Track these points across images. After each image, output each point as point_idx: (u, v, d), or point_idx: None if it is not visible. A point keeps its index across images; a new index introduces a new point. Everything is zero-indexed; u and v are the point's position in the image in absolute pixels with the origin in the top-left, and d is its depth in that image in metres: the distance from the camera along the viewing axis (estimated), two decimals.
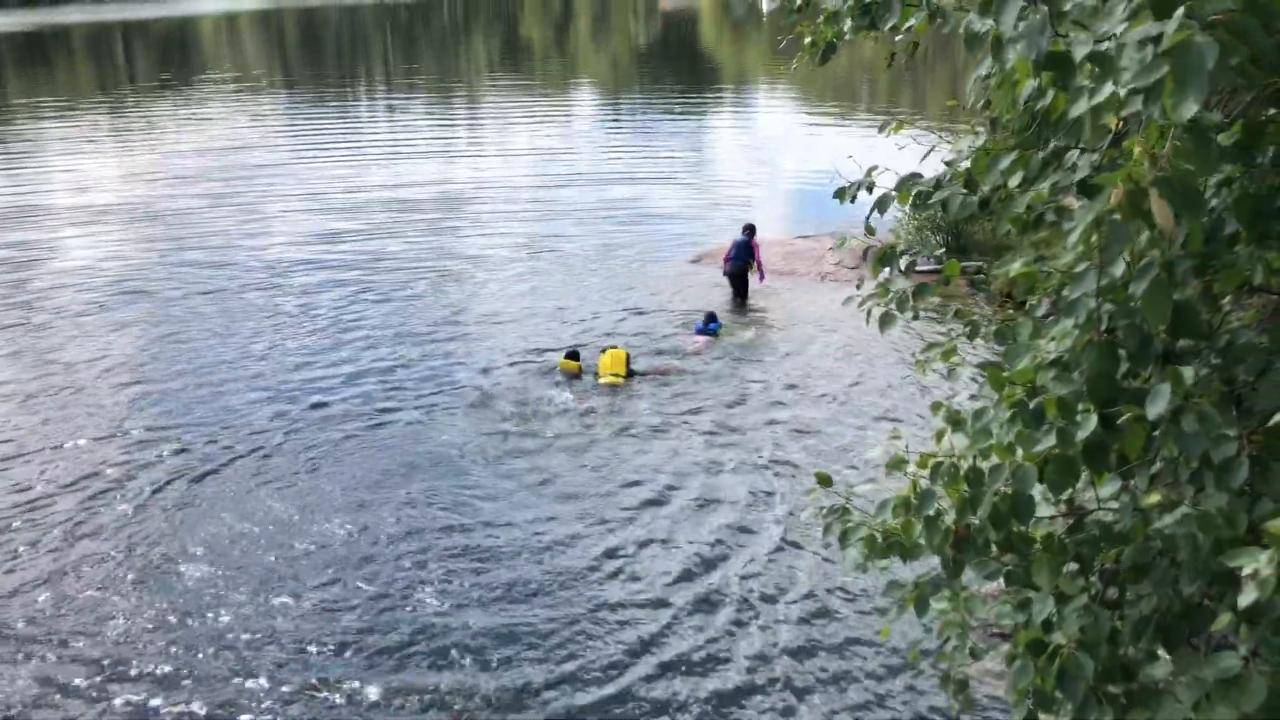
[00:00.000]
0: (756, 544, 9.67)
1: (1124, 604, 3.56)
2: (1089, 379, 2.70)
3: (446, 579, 9.20)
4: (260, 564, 9.49)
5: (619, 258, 19.21)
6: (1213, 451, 2.62)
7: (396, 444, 11.83)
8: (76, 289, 17.87)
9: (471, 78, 55.28)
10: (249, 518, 10.24)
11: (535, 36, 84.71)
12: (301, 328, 15.75)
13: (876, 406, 12.46)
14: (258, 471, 11.16)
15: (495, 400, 12.95)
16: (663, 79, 53.32)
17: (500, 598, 8.92)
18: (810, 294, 16.80)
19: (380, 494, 10.71)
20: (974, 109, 4.28)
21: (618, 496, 10.62)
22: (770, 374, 13.68)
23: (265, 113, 41.65)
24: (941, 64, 45.11)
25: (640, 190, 24.74)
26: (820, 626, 8.48)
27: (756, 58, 58.64)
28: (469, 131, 36.68)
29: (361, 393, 13.29)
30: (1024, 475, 2.91)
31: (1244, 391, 2.99)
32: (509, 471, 11.16)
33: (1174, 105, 1.90)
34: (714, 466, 11.19)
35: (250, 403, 13.02)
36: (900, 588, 4.46)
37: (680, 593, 8.99)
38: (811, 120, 37.13)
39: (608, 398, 12.97)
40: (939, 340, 10.77)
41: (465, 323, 15.96)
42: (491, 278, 18.23)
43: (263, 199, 24.87)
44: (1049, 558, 3.20)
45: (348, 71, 58.41)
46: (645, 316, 15.92)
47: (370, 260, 19.42)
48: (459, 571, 9.30)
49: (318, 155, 30.72)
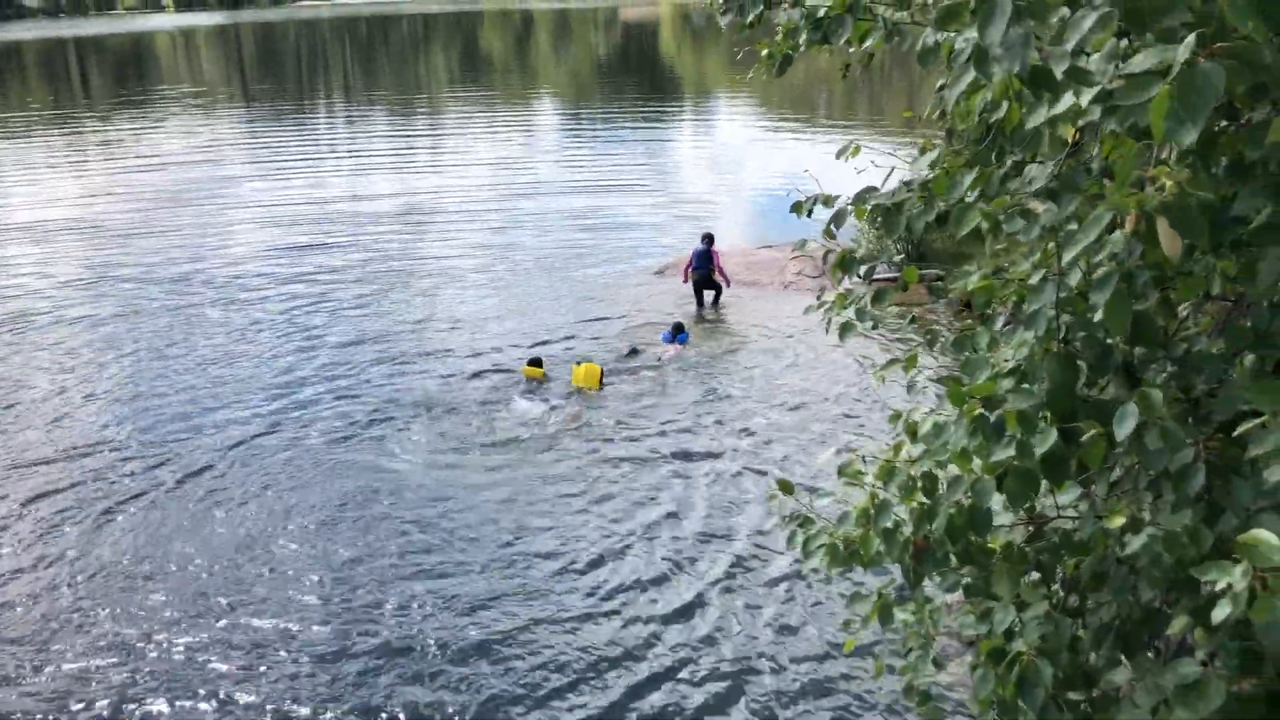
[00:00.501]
0: (723, 554, 9.64)
1: (1085, 611, 3.59)
2: (1049, 392, 2.72)
3: (411, 596, 9.09)
4: (216, 586, 9.30)
5: (582, 269, 19.20)
6: (1171, 463, 2.65)
7: (358, 457, 11.70)
8: (31, 305, 17.61)
9: (432, 90, 55.14)
10: (204, 537, 10.06)
11: (495, 48, 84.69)
12: (259, 342, 15.56)
13: (843, 415, 12.48)
14: (215, 489, 10.99)
15: (458, 410, 12.87)
16: (624, 89, 53.45)
17: (466, 613, 8.82)
18: (775, 303, 16.85)
19: (341, 509, 10.57)
20: (930, 120, 4.30)
21: (582, 507, 10.55)
22: (737, 383, 13.70)
23: (223, 127, 41.30)
24: (899, 73, 45.53)
25: (603, 201, 24.77)
26: (789, 637, 8.47)
27: (716, 68, 58.97)
28: (430, 143, 36.57)
29: (321, 405, 13.15)
30: (982, 488, 2.92)
31: (1201, 398, 3.02)
32: (472, 483, 11.07)
33: (1171, 130, 1.90)
34: (680, 475, 11.16)
35: (208, 418, 12.84)
36: (864, 600, 4.48)
37: (647, 604, 8.94)
38: (772, 130, 37.33)
39: (574, 406, 12.95)
40: (903, 344, 10.67)
41: (426, 333, 15.87)
42: (453, 288, 18.17)
43: (221, 213, 24.66)
44: (1008, 568, 3.21)
45: (307, 85, 58.11)
46: (610, 327, 15.92)
47: (330, 272, 19.30)
48: (423, 588, 9.19)
49: (277, 169, 30.51)
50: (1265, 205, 2.50)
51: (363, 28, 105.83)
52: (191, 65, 72.20)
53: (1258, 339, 2.76)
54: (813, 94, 45.11)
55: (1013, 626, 3.55)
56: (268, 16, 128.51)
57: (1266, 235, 2.57)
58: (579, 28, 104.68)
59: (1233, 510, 2.57)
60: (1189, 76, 1.86)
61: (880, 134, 30.19)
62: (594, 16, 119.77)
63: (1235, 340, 2.85)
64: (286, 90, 55.89)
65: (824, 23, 3.54)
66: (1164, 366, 3.10)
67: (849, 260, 3.84)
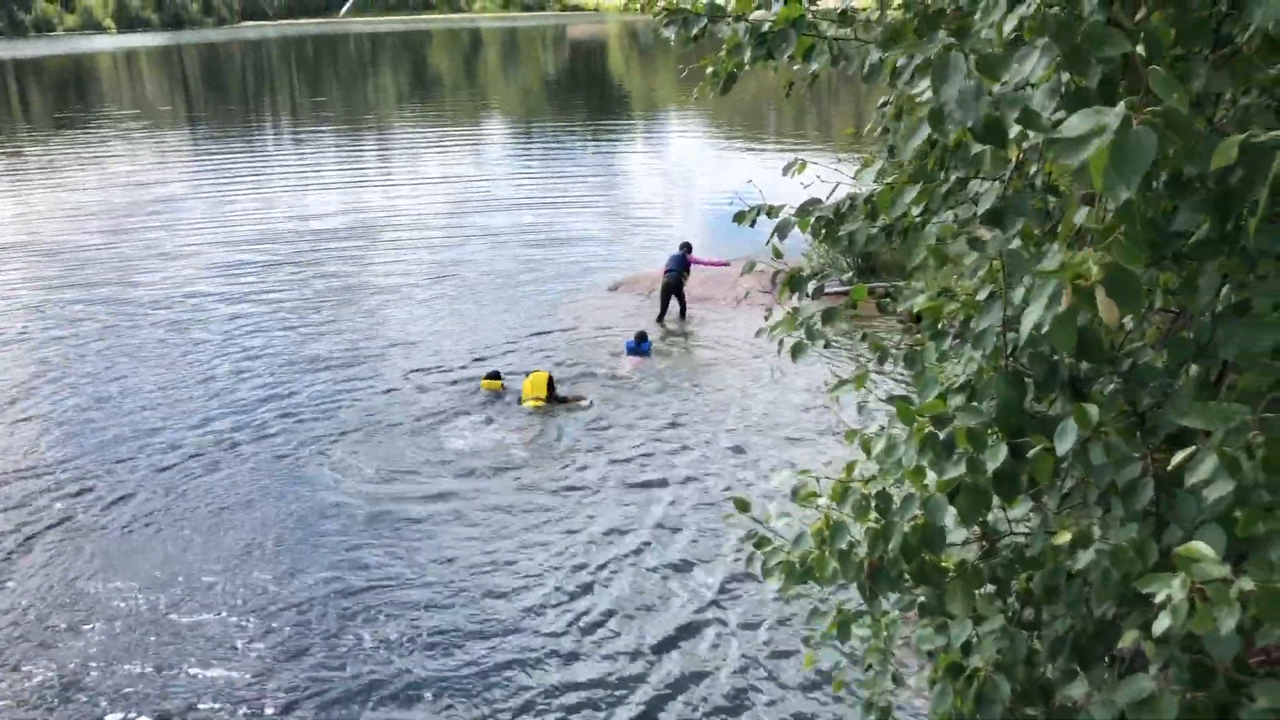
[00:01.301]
0: (680, 568, 9.61)
1: (1040, 624, 3.60)
2: (998, 409, 2.73)
3: (369, 619, 8.93)
4: (142, 623, 8.98)
5: (533, 285, 19.20)
6: (1118, 477, 2.66)
7: (300, 480, 11.53)
8: None
9: (380, 108, 54.85)
10: (130, 569, 9.76)
11: (444, 66, 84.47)
12: (199, 363, 15.36)
13: (803, 431, 12.52)
14: (142, 515, 10.70)
15: (405, 429, 12.76)
16: (573, 106, 53.53)
17: (423, 648, 8.67)
18: (730, 318, 16.93)
19: (281, 537, 10.32)
20: (874, 137, 4.33)
21: (537, 526, 10.47)
22: (697, 397, 13.73)
23: (167, 148, 40.79)
24: (846, 89, 45.98)
25: (553, 218, 24.76)
26: (750, 653, 8.44)
27: (666, 84, 59.23)
28: (378, 161, 36.37)
29: (262, 426, 12.98)
30: (935, 506, 2.92)
31: (1147, 412, 3.05)
32: (420, 506, 10.94)
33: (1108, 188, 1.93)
34: (638, 492, 11.13)
35: (144, 442, 12.58)
36: (822, 616, 4.48)
37: (603, 620, 8.88)
38: (722, 145, 37.55)
39: (530, 421, 12.89)
40: (857, 358, 10.67)
41: (373, 352, 15.76)
42: (401, 306, 18.10)
43: (163, 233, 24.38)
44: (963, 585, 3.21)
45: (253, 105, 57.53)
46: (565, 343, 15.88)
47: (274, 291, 19.14)
48: (381, 612, 9.03)
49: (222, 189, 30.19)
50: (1204, 220, 2.53)
51: (309, 48, 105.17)
52: (134, 86, 71.27)
53: (1199, 351, 2.78)
54: (762, 109, 45.44)
55: (970, 640, 3.56)
56: (211, 37, 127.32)
57: (1206, 250, 2.60)
58: (527, 46, 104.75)
59: (1177, 523, 2.59)
60: (1123, 140, 1.90)
61: (828, 148, 30.45)
62: (542, 35, 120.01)
63: (1177, 352, 2.88)
64: (232, 110, 55.32)
65: (768, 38, 3.54)
66: (1110, 380, 3.12)
67: (797, 279, 3.84)
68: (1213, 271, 2.66)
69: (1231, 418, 2.20)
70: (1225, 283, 2.68)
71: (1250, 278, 2.58)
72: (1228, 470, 2.15)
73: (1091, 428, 2.51)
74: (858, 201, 3.58)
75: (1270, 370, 2.37)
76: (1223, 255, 2.60)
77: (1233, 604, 1.97)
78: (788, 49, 3.48)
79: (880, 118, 4.27)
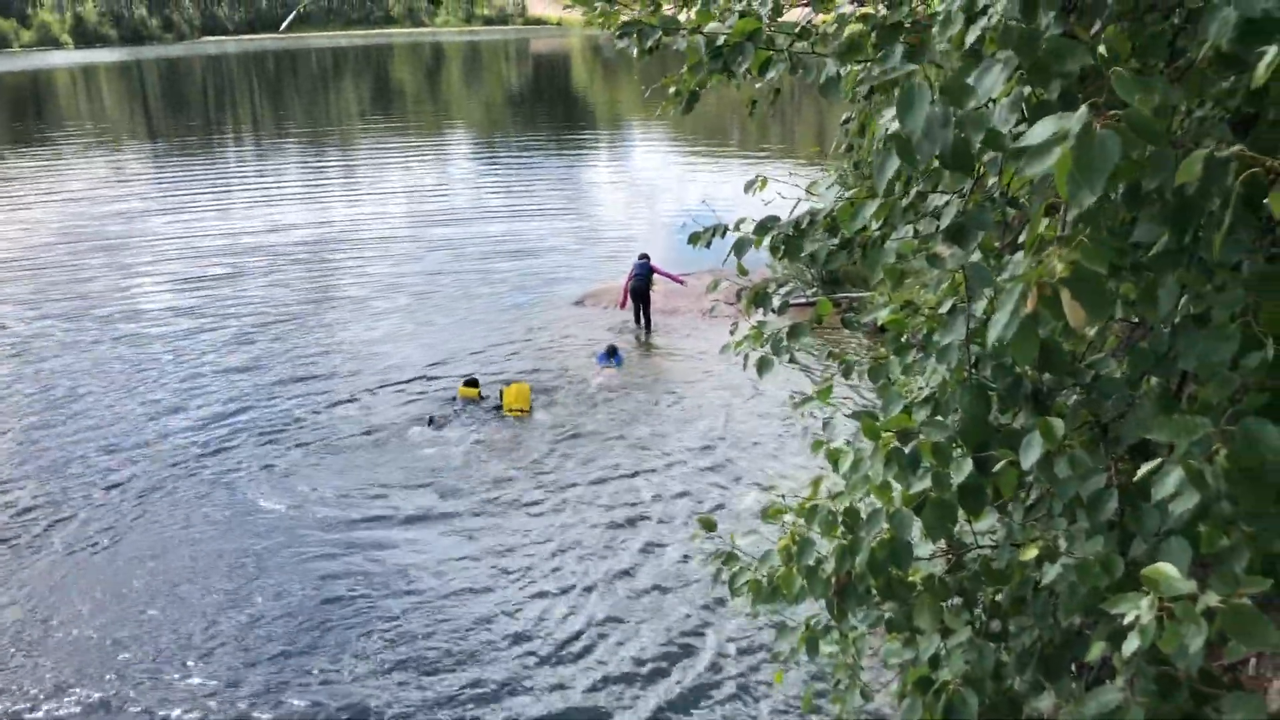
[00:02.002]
0: (654, 584, 9.56)
1: (1008, 636, 3.60)
2: (963, 423, 2.73)
3: (344, 636, 8.80)
4: (130, 637, 8.84)
5: (501, 298, 19.16)
6: (1082, 489, 2.66)
7: (271, 490, 11.41)
8: None
9: (343, 122, 54.53)
10: (93, 586, 9.56)
11: (407, 80, 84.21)
12: (161, 378, 15.14)
13: (776, 439, 12.52)
14: (110, 529, 10.47)
15: (378, 438, 12.69)
16: (537, 120, 53.51)
17: (384, 659, 8.55)
18: (702, 329, 16.95)
19: (245, 559, 10.13)
20: (837, 153, 4.34)
21: (507, 540, 10.38)
22: (670, 409, 13.74)
23: (128, 163, 40.29)
24: (808, 101, 46.26)
25: (519, 231, 24.70)
26: (719, 670, 8.41)
27: (629, 97, 59.33)
28: (342, 175, 36.13)
29: (231, 440, 12.82)
30: (901, 520, 2.92)
31: (1110, 423, 3.06)
32: (391, 514, 10.87)
33: (1072, 194, 1.93)
34: (611, 507, 11.07)
35: (102, 460, 12.34)
36: (790, 632, 4.46)
37: (576, 638, 8.81)
38: (686, 158, 37.65)
39: (504, 432, 12.84)
40: (827, 368, 10.64)
41: (338, 363, 15.69)
42: (365, 319, 18.00)
43: (124, 248, 24.09)
44: (930, 600, 3.20)
45: (214, 120, 56.98)
46: (533, 355, 15.86)
47: (238, 305, 18.98)
48: (342, 633, 8.90)
49: (183, 203, 29.86)
50: (1163, 232, 2.53)
51: (270, 62, 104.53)
52: (93, 102, 70.47)
53: (1157, 361, 2.80)
54: (726, 122, 45.61)
55: (938, 654, 3.55)
56: (171, 53, 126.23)
57: (1165, 261, 2.61)
58: (490, 60, 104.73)
59: (1142, 536, 2.59)
60: (1085, 144, 1.90)
61: (793, 162, 30.58)
62: (505, 48, 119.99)
63: (1137, 363, 2.89)
64: (193, 125, 54.80)
65: (723, 51, 3.52)
66: (1073, 392, 3.13)
67: (762, 296, 3.83)
68: (1172, 283, 2.67)
69: (1195, 430, 2.21)
70: (1184, 293, 2.69)
71: (1209, 288, 2.60)
72: (1193, 483, 2.15)
73: (1056, 442, 2.51)
74: (818, 217, 3.58)
75: (1229, 382, 2.38)
76: (1181, 267, 2.61)
77: (1199, 621, 1.97)
78: (744, 63, 3.47)
79: (844, 134, 4.28)
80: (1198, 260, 2.53)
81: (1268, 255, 2.56)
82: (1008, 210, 3.30)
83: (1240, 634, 2.00)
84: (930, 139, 2.27)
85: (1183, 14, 2.75)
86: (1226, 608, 2.00)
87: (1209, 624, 1.99)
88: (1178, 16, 2.80)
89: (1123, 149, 1.92)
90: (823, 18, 4.21)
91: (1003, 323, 2.23)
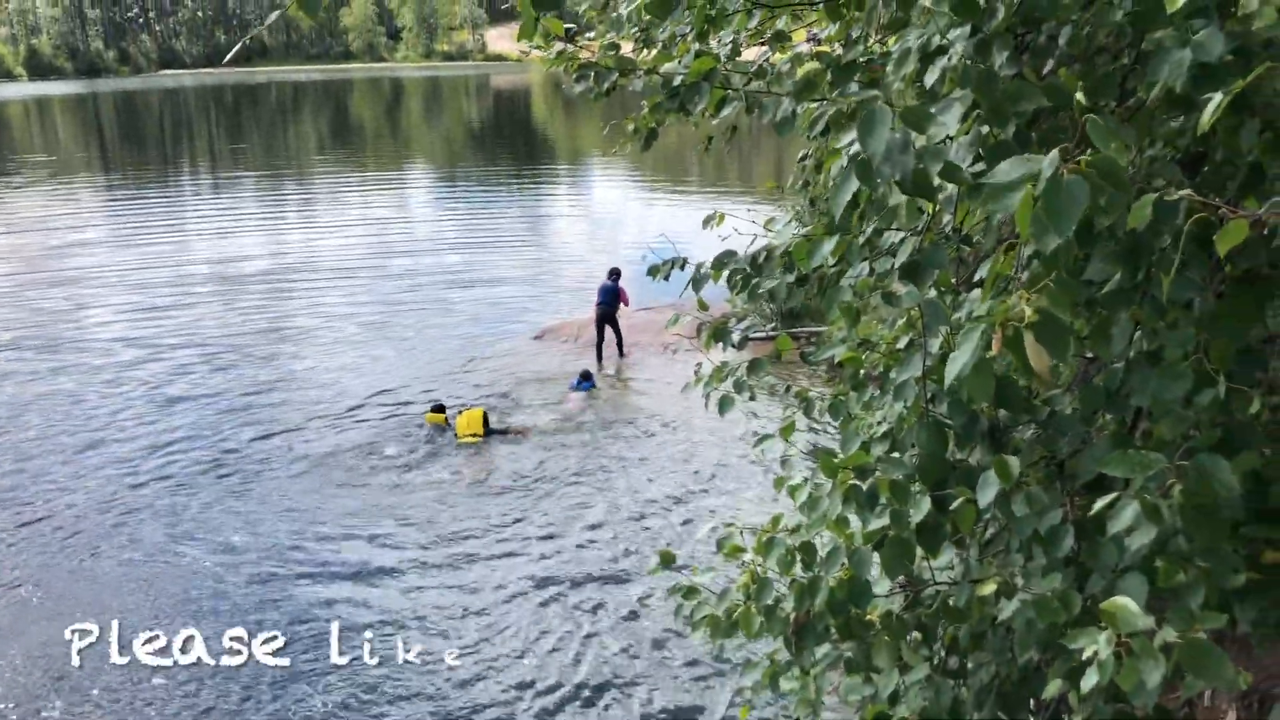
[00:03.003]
0: (608, 618, 9.46)
1: (966, 673, 3.60)
2: (920, 460, 2.73)
3: (300, 661, 8.62)
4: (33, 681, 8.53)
5: (461, 329, 19.13)
6: (1039, 525, 2.67)
7: (224, 521, 11.22)
8: None
9: (301, 155, 54.29)
10: (36, 625, 9.19)
11: (367, 115, 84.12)
12: (118, 409, 14.88)
13: (744, 469, 12.51)
14: (52, 566, 10.16)
15: (331, 469, 12.58)
16: (498, 155, 53.55)
17: (334, 697, 8.41)
18: (670, 360, 16.97)
19: (208, 578, 9.93)
20: (793, 189, 4.36)
21: (466, 569, 10.27)
22: (638, 438, 13.73)
23: (82, 195, 39.77)
24: (767, 137, 46.68)
25: (480, 267, 24.57)
26: (679, 704, 8.33)
27: (589, 132, 59.57)
28: (299, 208, 35.95)
29: (187, 472, 12.60)
30: (859, 559, 2.91)
31: (1066, 459, 3.08)
32: (347, 541, 10.75)
33: (1037, 237, 1.94)
34: (569, 535, 10.99)
35: (57, 493, 12.05)
36: (754, 668, 4.44)
37: (529, 672, 8.68)
38: (646, 192, 37.79)
39: (466, 458, 12.84)
40: (789, 404, 10.67)
41: (295, 392, 15.57)
42: (324, 349, 17.92)
43: (79, 279, 23.75)
44: (888, 640, 3.19)
45: (171, 153, 56.54)
46: (490, 386, 15.80)
47: (192, 336, 18.80)
48: (291, 669, 8.73)
49: (139, 235, 29.50)
50: (1116, 271, 2.56)
51: (229, 96, 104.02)
52: (47, 135, 69.57)
53: (1110, 398, 2.82)
54: (685, 157, 45.91)
55: (897, 690, 3.54)
56: (128, 86, 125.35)
57: (1118, 299, 2.64)
58: (451, 95, 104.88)
59: (1099, 572, 2.60)
60: (1054, 189, 1.91)
61: (751, 198, 30.81)
62: (465, 84, 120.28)
63: (1089, 399, 2.91)
64: (149, 158, 54.32)
65: (679, 91, 3.54)
66: (1029, 427, 3.15)
67: (722, 331, 3.83)
68: (1125, 321, 2.70)
69: (1150, 466, 2.22)
70: (1137, 331, 2.72)
71: (1161, 325, 2.62)
72: (1149, 518, 2.17)
73: (1011, 480, 2.52)
74: (775, 253, 3.59)
75: (1183, 419, 2.40)
76: (1134, 304, 2.64)
77: (1157, 656, 1.98)
78: (700, 103, 3.49)
79: (801, 171, 4.31)
80: (1150, 298, 2.56)
81: (1218, 293, 2.60)
82: (963, 247, 3.33)
83: (1197, 669, 2.01)
84: (890, 162, 2.28)
85: (1132, 55, 2.80)
86: (1183, 643, 2.01)
87: (1166, 659, 1.99)
88: (1127, 57, 2.85)
89: (1091, 195, 1.93)
90: (779, 56, 4.25)
91: (962, 361, 2.23)
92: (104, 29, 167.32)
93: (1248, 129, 2.44)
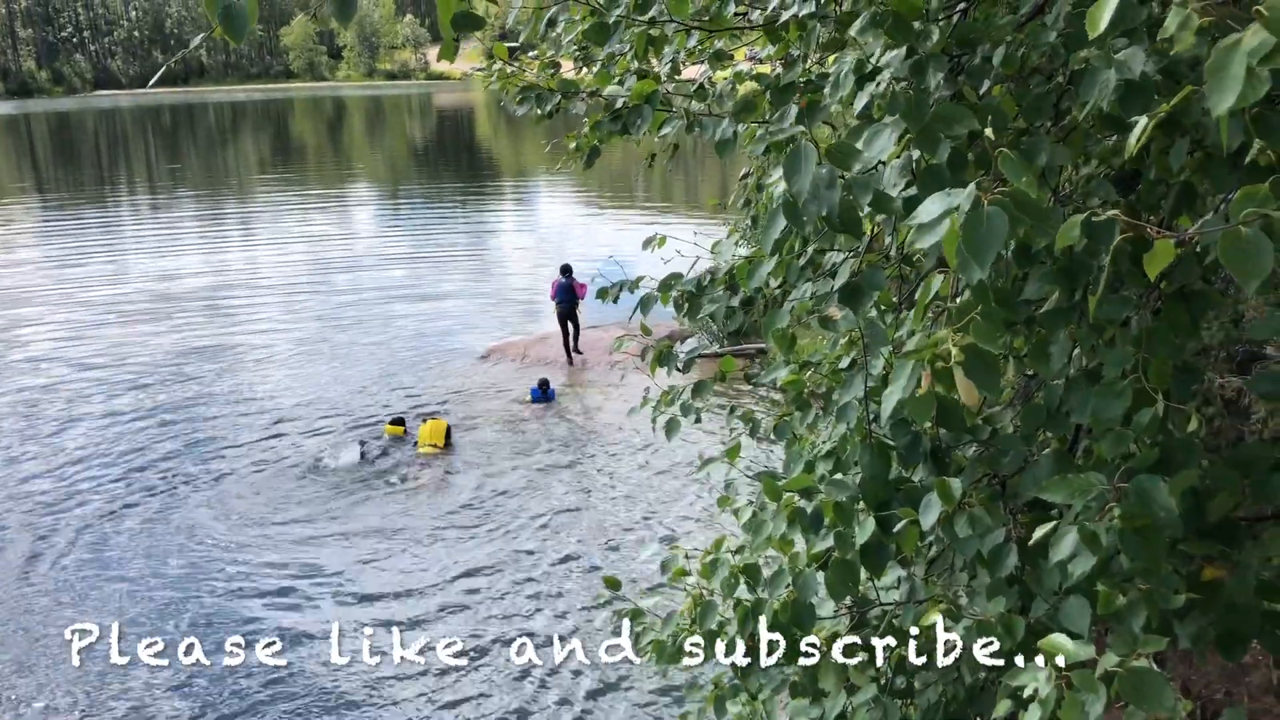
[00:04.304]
0: (565, 632, 9.34)
1: (913, 693, 3.59)
2: (863, 483, 2.71)
3: (254, 676, 8.45)
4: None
5: (406, 345, 19.01)
6: (982, 546, 2.67)
7: (173, 540, 11.05)
8: None
9: (242, 175, 53.63)
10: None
11: (308, 134, 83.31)
12: (58, 432, 14.61)
13: (690, 489, 12.50)
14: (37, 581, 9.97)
15: (291, 478, 12.60)
16: (441, 174, 53.25)
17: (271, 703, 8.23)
18: (616, 376, 16.94)
19: (158, 597, 9.77)
20: (735, 207, 4.36)
21: (421, 581, 10.24)
22: (598, 450, 13.77)
23: (15, 216, 38.90)
24: (711, 154, 46.85)
25: (425, 286, 24.36)
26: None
27: (533, 150, 59.47)
28: (239, 227, 35.52)
29: (112, 493, 12.40)
30: (804, 582, 2.88)
31: (1008, 477, 3.08)
32: (302, 558, 10.65)
33: (962, 269, 1.93)
34: (526, 547, 10.99)
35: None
36: (698, 691, 4.40)
37: (472, 686, 8.59)
38: (591, 210, 37.75)
39: (424, 470, 12.84)
40: (731, 429, 10.83)
41: (239, 409, 15.48)
42: (260, 367, 17.77)
43: (9, 300, 23.27)
44: (834, 664, 3.17)
45: (108, 174, 55.51)
46: (443, 400, 15.75)
47: (130, 353, 18.58)
48: (260, 674, 8.53)
49: (76, 255, 28.95)
50: (1053, 290, 2.57)
51: (166, 116, 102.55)
52: None
53: (1050, 417, 2.83)
54: (630, 175, 46.00)
55: (844, 712, 3.52)
56: (61, 106, 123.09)
57: (1055, 318, 2.64)
58: (393, 114, 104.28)
59: (1041, 595, 2.60)
60: (974, 221, 1.91)
61: (696, 215, 30.93)
62: (408, 103, 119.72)
63: (1030, 418, 2.92)
64: (85, 179, 53.30)
65: (622, 114, 3.53)
66: (971, 446, 3.15)
67: (667, 355, 3.82)
68: (1063, 339, 2.71)
69: (1089, 490, 2.22)
70: (1075, 349, 2.73)
71: (1100, 343, 2.64)
72: (1088, 546, 2.16)
73: (954, 502, 2.51)
74: (718, 274, 3.58)
75: (1123, 439, 2.40)
76: (1072, 323, 2.65)
77: (1098, 688, 1.96)
78: (643, 125, 3.47)
79: (743, 189, 4.31)
80: (1087, 316, 2.56)
81: (1155, 310, 2.61)
82: (904, 266, 3.34)
83: (1137, 698, 1.99)
84: (816, 200, 2.26)
85: (1066, 75, 2.82)
86: (1124, 672, 1.99)
87: (1108, 688, 1.98)
88: (1061, 77, 2.88)
89: (1010, 226, 1.93)
90: (720, 75, 4.25)
91: (896, 398, 2.23)
92: (37, 48, 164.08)
93: (1176, 150, 2.46)
